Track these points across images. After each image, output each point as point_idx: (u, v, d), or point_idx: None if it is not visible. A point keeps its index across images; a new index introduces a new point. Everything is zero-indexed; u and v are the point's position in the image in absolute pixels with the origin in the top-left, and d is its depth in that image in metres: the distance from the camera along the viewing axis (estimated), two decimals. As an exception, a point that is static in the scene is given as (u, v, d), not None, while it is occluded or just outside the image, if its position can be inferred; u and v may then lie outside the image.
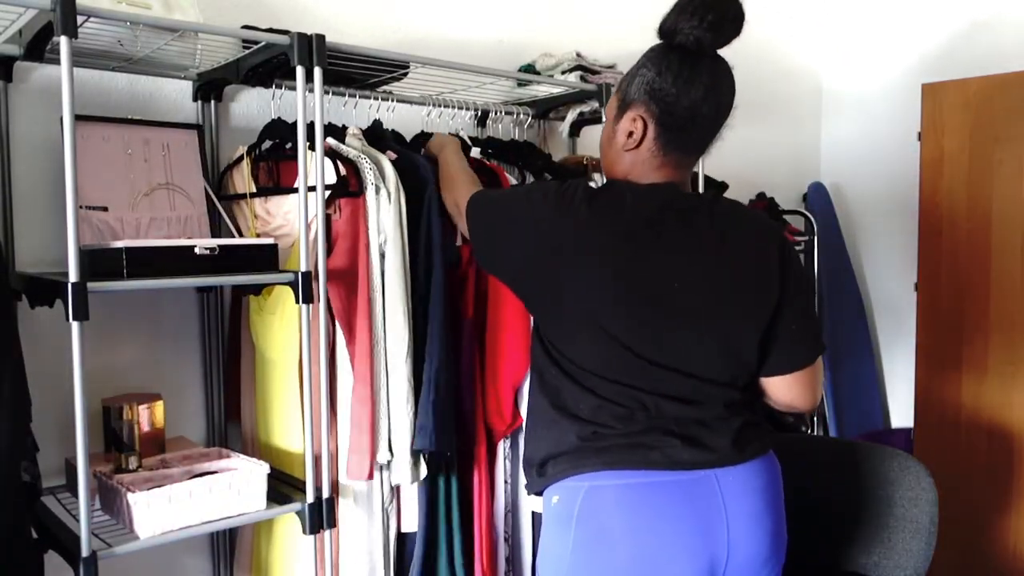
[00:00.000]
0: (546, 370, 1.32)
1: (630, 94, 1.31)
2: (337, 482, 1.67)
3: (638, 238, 1.24)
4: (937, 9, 3.14)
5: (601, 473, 1.22)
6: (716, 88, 1.29)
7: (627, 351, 1.24)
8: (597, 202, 1.27)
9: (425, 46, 2.21)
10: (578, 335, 1.28)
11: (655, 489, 1.21)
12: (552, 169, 2.11)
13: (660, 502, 1.20)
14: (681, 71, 1.26)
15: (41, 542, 1.45)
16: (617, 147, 1.35)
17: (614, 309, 1.24)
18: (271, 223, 1.76)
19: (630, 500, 1.21)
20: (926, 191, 2.83)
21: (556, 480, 1.27)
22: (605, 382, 1.26)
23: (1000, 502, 2.69)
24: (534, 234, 1.29)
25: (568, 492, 1.25)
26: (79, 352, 1.29)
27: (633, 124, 1.30)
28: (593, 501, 1.22)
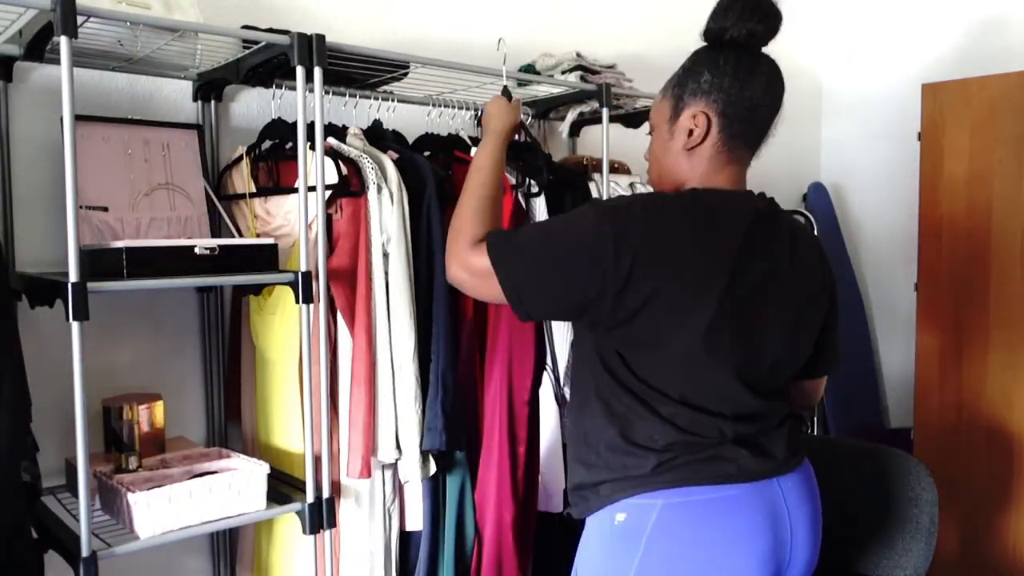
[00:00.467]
0: (614, 398, 1.23)
1: (686, 95, 1.27)
2: (338, 482, 1.67)
3: (739, 252, 1.19)
4: (937, 9, 3.14)
5: (677, 490, 1.19)
6: (773, 79, 1.28)
7: (721, 370, 1.19)
8: (695, 213, 1.19)
9: (425, 46, 2.21)
10: (673, 359, 1.19)
11: (732, 503, 1.19)
12: (552, 169, 2.11)
13: (737, 515, 1.19)
14: (739, 66, 1.24)
15: (41, 542, 1.45)
16: (676, 149, 1.29)
17: (719, 325, 1.17)
18: (271, 223, 1.76)
19: (708, 515, 1.19)
20: (926, 191, 2.83)
21: (621, 498, 1.22)
22: (686, 409, 1.20)
23: (1000, 502, 2.69)
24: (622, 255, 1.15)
25: (639, 509, 1.20)
26: (79, 352, 1.29)
27: (694, 121, 1.26)
28: (669, 518, 1.18)
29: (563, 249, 1.19)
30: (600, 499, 1.25)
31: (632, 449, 1.21)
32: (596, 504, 1.26)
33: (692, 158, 1.28)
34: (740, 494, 1.19)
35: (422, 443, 1.68)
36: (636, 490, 1.21)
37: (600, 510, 1.25)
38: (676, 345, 1.17)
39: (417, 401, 1.65)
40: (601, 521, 1.25)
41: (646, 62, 2.72)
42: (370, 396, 1.62)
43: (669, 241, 1.16)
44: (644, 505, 1.20)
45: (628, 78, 2.32)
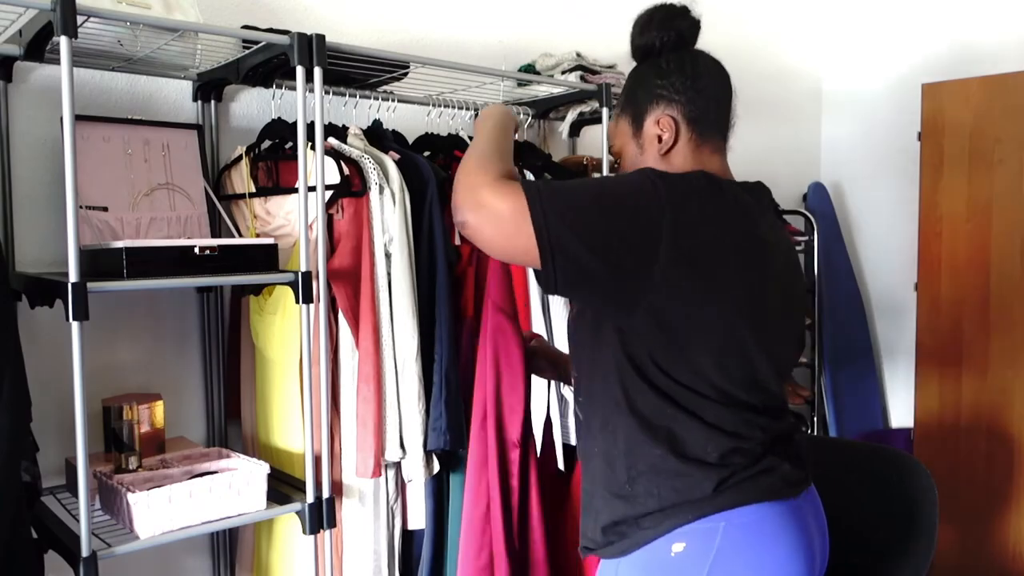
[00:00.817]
0: (656, 411, 1.14)
1: (640, 106, 1.25)
2: (340, 482, 1.67)
3: (757, 231, 1.17)
4: (937, 9, 3.14)
5: (738, 510, 1.13)
6: (718, 68, 1.28)
7: (756, 349, 1.15)
8: (734, 193, 1.17)
9: (425, 46, 2.21)
10: (712, 337, 1.12)
11: (787, 517, 1.16)
12: (552, 169, 2.11)
13: (794, 529, 1.16)
14: (682, 63, 1.24)
15: (41, 542, 1.45)
16: (653, 156, 1.25)
17: (756, 299, 1.15)
18: (271, 223, 1.76)
19: (770, 532, 1.15)
20: (926, 191, 2.83)
21: (677, 526, 1.13)
22: (727, 409, 1.14)
23: (1000, 502, 2.69)
24: (667, 235, 1.07)
25: (700, 536, 1.12)
26: (79, 352, 1.29)
27: (659, 126, 1.24)
28: (733, 540, 1.12)
29: (614, 200, 1.08)
30: (645, 532, 1.15)
31: (686, 468, 1.13)
32: (641, 538, 1.15)
33: (670, 162, 1.24)
34: (790, 508, 1.16)
35: (426, 443, 1.68)
36: (695, 515, 1.12)
37: (647, 544, 1.14)
38: (717, 316, 1.11)
39: (420, 401, 1.66)
40: (653, 555, 1.14)
41: (646, 62, 2.72)
42: (379, 395, 1.62)
43: (716, 212, 1.12)
44: (706, 530, 1.12)
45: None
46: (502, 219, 1.06)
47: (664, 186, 1.10)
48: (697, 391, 1.13)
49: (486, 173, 1.11)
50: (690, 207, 1.09)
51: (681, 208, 1.08)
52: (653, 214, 1.07)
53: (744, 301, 1.13)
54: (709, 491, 1.12)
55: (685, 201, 1.09)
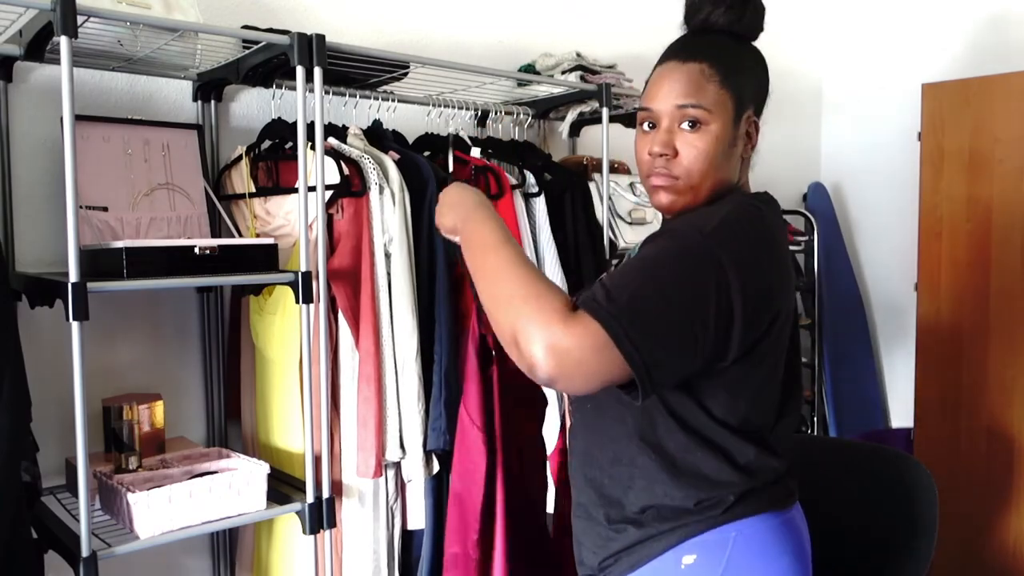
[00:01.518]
0: (681, 450, 1.09)
1: (745, 95, 1.14)
2: (339, 482, 1.67)
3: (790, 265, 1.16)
4: (937, 9, 3.14)
5: (745, 521, 1.11)
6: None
7: (790, 389, 1.16)
8: (777, 235, 1.11)
9: (425, 46, 2.21)
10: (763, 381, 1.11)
11: (792, 523, 1.16)
12: (551, 168, 2.11)
13: (799, 534, 1.17)
14: (762, 60, 1.17)
15: (41, 542, 1.45)
16: (737, 155, 1.15)
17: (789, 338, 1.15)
18: (271, 223, 1.76)
19: (779, 539, 1.13)
20: (926, 191, 2.83)
21: (686, 539, 1.10)
22: (753, 447, 1.11)
23: (1000, 502, 2.69)
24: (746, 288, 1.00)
25: (711, 547, 1.09)
26: (79, 352, 1.29)
27: (750, 125, 1.16)
28: (744, 549, 1.10)
29: (686, 296, 0.97)
30: (652, 547, 1.11)
31: (700, 507, 1.10)
32: (650, 552, 1.11)
33: (742, 164, 1.17)
34: (790, 517, 1.16)
35: (426, 443, 1.68)
36: (707, 526, 1.10)
37: (657, 558, 1.10)
38: (767, 363, 1.08)
39: (420, 401, 1.66)
40: (662, 567, 1.10)
41: (646, 62, 2.71)
42: (379, 395, 1.62)
43: (771, 268, 1.05)
44: (718, 540, 1.09)
45: (628, 78, 2.32)
46: (585, 360, 0.93)
47: (726, 257, 0.99)
48: (731, 426, 1.09)
49: (541, 311, 0.94)
50: (753, 271, 1.01)
51: (746, 274, 1.00)
52: (722, 296, 0.98)
53: (785, 343, 1.12)
54: (720, 512, 1.10)
55: (751, 267, 1.01)
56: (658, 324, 0.95)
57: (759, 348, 1.05)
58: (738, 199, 1.12)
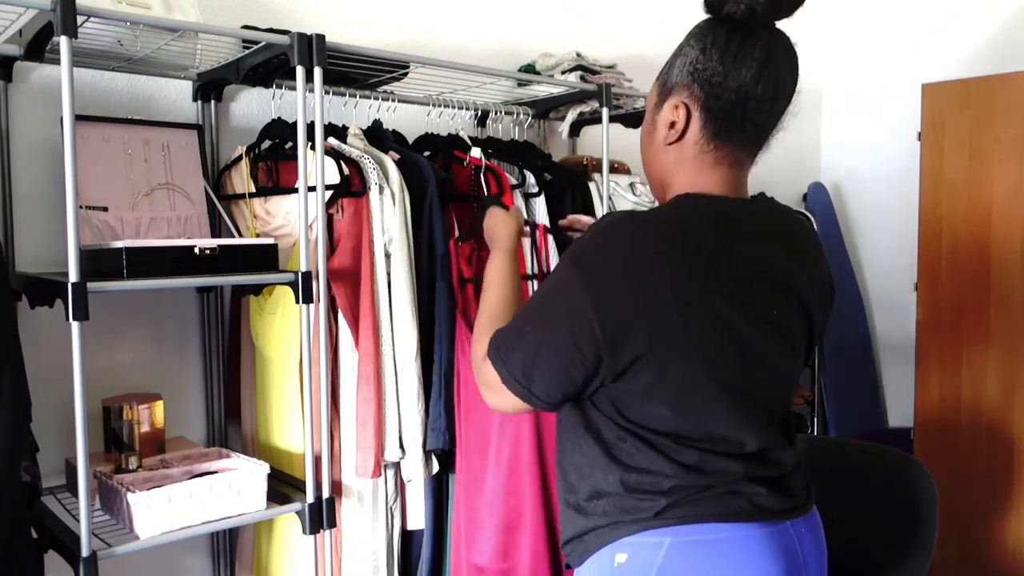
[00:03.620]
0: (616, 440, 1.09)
1: (672, 78, 1.11)
2: (339, 482, 1.67)
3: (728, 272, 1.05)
4: (937, 9, 3.14)
5: (686, 527, 1.06)
6: (771, 65, 1.10)
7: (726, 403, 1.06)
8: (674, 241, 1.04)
9: (425, 46, 2.21)
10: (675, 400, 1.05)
11: (747, 543, 1.06)
12: (551, 168, 2.11)
13: (755, 557, 1.06)
14: (729, 45, 1.06)
15: (41, 542, 1.45)
16: (658, 142, 1.13)
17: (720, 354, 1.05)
18: (271, 223, 1.76)
19: (720, 556, 1.06)
20: (926, 191, 2.83)
21: (621, 537, 1.08)
22: (694, 451, 1.07)
23: (999, 502, 2.69)
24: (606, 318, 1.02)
25: (642, 549, 1.06)
26: (79, 352, 1.29)
27: (675, 112, 1.09)
28: (677, 558, 1.05)
29: (556, 327, 1.04)
30: (596, 540, 1.11)
31: (638, 496, 1.08)
32: (591, 546, 1.12)
33: (676, 156, 1.11)
34: (755, 535, 1.06)
35: (426, 443, 1.68)
36: (639, 527, 1.07)
37: (596, 552, 1.11)
38: (674, 384, 1.03)
39: (420, 401, 1.66)
40: (599, 563, 1.10)
41: (646, 62, 2.72)
42: (379, 395, 1.62)
43: (649, 286, 1.01)
44: (649, 544, 1.06)
45: (628, 78, 2.32)
46: (495, 396, 1.13)
47: (582, 284, 1.02)
48: (657, 432, 1.07)
49: (476, 351, 1.18)
50: (609, 293, 1.01)
51: (603, 297, 1.01)
52: (582, 322, 1.02)
53: (708, 362, 1.03)
54: (653, 513, 1.07)
55: (606, 290, 1.01)
56: (535, 358, 1.07)
57: (641, 362, 1.02)
58: (621, 214, 1.07)
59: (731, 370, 1.05)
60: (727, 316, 1.03)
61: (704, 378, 1.03)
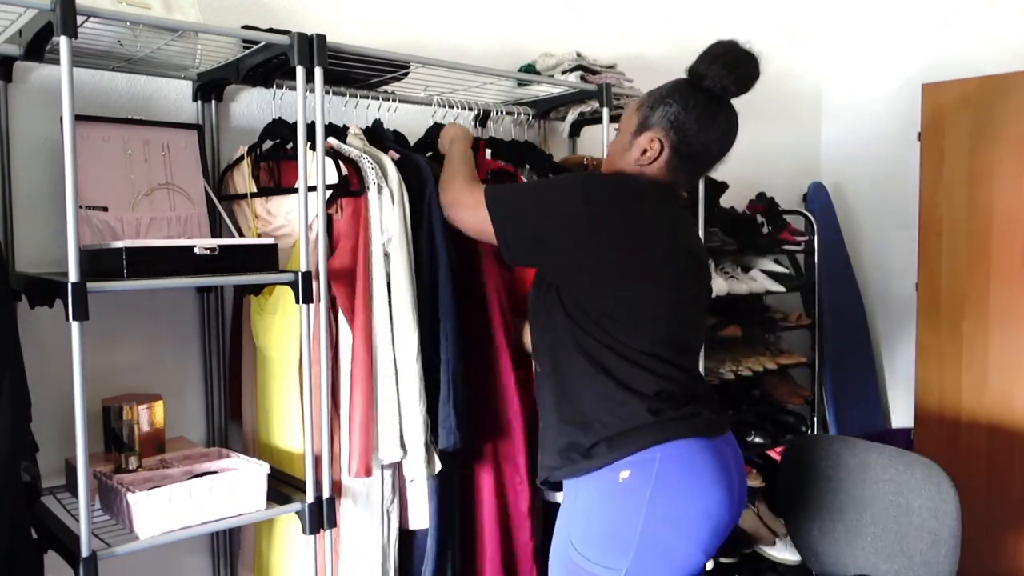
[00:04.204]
0: (596, 352, 1.43)
1: (652, 119, 1.49)
2: (339, 482, 1.67)
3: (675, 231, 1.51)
4: (937, 9, 3.14)
5: (670, 444, 1.41)
6: (729, 131, 1.50)
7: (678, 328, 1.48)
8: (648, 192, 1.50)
9: (425, 46, 2.21)
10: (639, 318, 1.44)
11: (710, 450, 1.43)
12: (553, 168, 2.11)
13: (717, 459, 1.44)
14: (706, 111, 1.46)
15: (41, 542, 1.45)
16: (629, 159, 1.52)
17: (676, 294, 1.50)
18: (272, 223, 1.76)
19: (698, 462, 1.42)
20: (926, 191, 2.83)
21: (624, 456, 1.40)
22: (656, 360, 1.44)
23: (999, 502, 2.69)
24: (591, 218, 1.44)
25: (642, 465, 1.40)
26: (79, 352, 1.29)
27: (650, 144, 1.49)
28: (667, 469, 1.39)
29: (542, 203, 1.47)
30: (595, 460, 1.42)
31: (626, 396, 1.42)
32: (593, 465, 1.42)
33: (638, 169, 1.52)
34: (713, 445, 1.44)
35: (436, 443, 1.68)
36: (637, 447, 1.40)
37: (599, 470, 1.42)
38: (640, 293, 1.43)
39: (421, 400, 1.65)
40: (603, 480, 1.42)
41: (646, 62, 2.72)
42: (368, 397, 1.62)
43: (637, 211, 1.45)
44: (646, 460, 1.40)
45: (628, 78, 2.32)
46: (469, 208, 1.54)
47: (584, 194, 1.45)
48: (629, 345, 1.43)
49: (460, 178, 1.62)
50: (611, 208, 1.43)
51: (601, 209, 1.43)
52: (571, 215, 1.42)
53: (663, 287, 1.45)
54: (647, 422, 1.41)
55: (607, 205, 1.44)
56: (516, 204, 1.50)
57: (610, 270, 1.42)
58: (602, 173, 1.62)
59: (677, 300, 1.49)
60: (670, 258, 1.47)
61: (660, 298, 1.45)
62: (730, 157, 1.54)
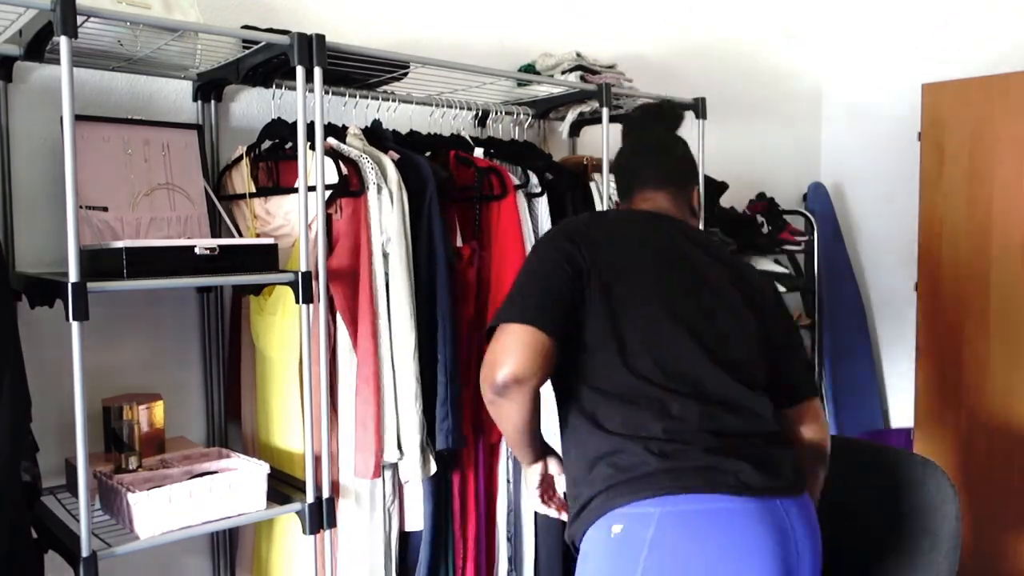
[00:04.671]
0: (588, 401, 1.26)
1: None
2: (338, 482, 1.67)
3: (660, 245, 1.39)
4: (937, 10, 3.14)
5: (673, 498, 1.15)
6: (640, 138, 1.56)
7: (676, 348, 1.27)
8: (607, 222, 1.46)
9: (425, 46, 2.21)
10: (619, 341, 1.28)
11: (734, 515, 1.15)
12: (553, 168, 2.11)
13: (742, 528, 1.14)
14: (618, 155, 1.57)
15: (41, 542, 1.45)
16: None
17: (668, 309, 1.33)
18: (271, 223, 1.76)
19: (710, 527, 1.14)
20: (926, 191, 2.83)
21: (616, 507, 1.18)
22: (643, 383, 1.23)
23: (999, 502, 2.69)
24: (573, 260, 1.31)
25: (636, 520, 1.16)
26: (79, 352, 1.29)
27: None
28: (668, 528, 1.14)
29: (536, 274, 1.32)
30: (592, 511, 1.21)
31: (621, 442, 1.20)
32: (592, 517, 1.21)
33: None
34: (743, 508, 1.15)
35: (434, 443, 1.68)
36: (631, 497, 1.16)
37: (595, 522, 1.20)
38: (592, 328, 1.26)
39: (418, 401, 1.65)
40: (598, 533, 1.20)
41: (646, 62, 2.72)
42: (377, 395, 1.62)
43: (609, 234, 1.35)
44: (641, 515, 1.16)
45: (628, 78, 2.32)
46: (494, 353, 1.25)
47: (550, 240, 1.37)
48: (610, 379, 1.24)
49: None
50: (579, 240, 1.32)
51: (578, 244, 1.31)
52: (555, 255, 1.31)
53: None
54: (647, 471, 1.17)
55: (570, 240, 1.33)
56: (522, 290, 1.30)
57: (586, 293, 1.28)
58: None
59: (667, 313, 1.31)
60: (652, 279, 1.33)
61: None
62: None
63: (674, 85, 2.51)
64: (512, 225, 1.85)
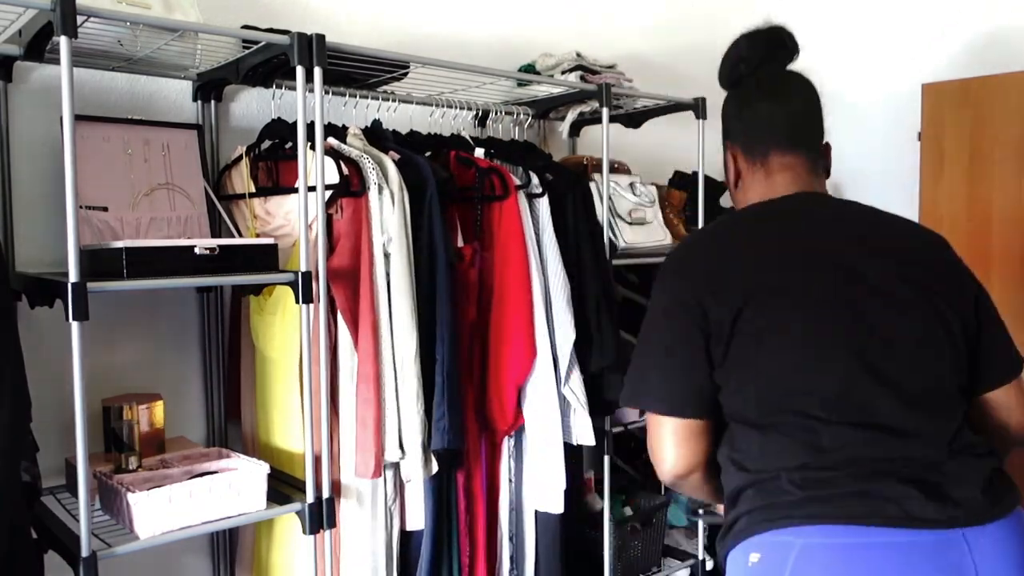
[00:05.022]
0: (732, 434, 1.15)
1: (723, 139, 1.38)
2: (338, 482, 1.67)
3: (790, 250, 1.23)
4: (937, 10, 3.14)
5: (820, 528, 1.00)
6: (779, 86, 1.38)
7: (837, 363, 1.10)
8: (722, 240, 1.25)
9: (425, 46, 2.21)
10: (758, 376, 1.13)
11: (892, 551, 0.97)
12: (553, 168, 2.10)
13: (899, 568, 0.97)
14: (737, 94, 1.37)
15: (41, 542, 1.45)
16: (731, 190, 1.37)
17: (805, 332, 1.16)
18: (271, 223, 1.76)
19: (859, 564, 0.98)
20: (926, 191, 2.83)
21: (755, 533, 1.06)
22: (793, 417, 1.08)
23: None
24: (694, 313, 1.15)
25: (774, 549, 1.03)
26: (79, 352, 1.29)
27: (728, 162, 1.35)
28: (809, 563, 0.99)
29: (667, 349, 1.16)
30: (734, 535, 1.11)
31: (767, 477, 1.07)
32: (731, 541, 1.11)
33: (744, 194, 1.32)
34: (904, 542, 0.97)
35: (430, 443, 1.68)
36: (771, 524, 1.04)
37: (735, 548, 1.10)
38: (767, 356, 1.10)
39: (419, 400, 1.65)
40: (736, 561, 1.10)
41: (646, 62, 2.72)
42: (378, 395, 1.62)
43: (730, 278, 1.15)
44: (781, 543, 1.02)
45: (628, 78, 2.31)
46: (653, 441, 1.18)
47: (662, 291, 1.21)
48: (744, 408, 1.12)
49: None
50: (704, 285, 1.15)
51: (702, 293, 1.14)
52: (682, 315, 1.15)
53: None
54: (790, 499, 1.03)
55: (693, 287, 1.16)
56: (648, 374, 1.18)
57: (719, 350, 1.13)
58: None
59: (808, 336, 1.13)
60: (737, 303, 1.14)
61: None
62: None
63: (674, 85, 2.51)
64: (514, 226, 1.85)
